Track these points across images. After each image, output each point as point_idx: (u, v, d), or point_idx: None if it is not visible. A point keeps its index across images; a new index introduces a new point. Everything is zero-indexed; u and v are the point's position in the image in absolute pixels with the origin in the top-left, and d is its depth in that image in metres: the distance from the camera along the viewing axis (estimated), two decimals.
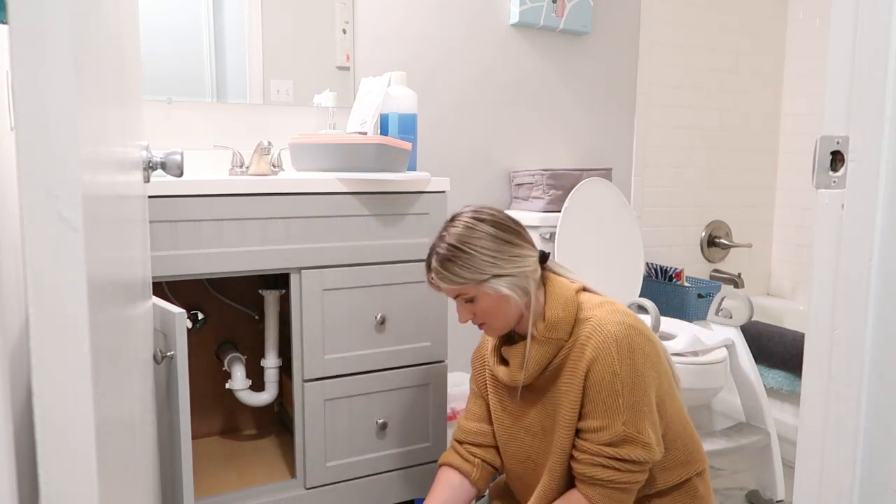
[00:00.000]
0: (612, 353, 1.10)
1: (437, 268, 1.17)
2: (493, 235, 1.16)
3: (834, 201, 0.80)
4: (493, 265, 1.15)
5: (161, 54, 1.76)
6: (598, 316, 1.15)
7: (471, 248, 1.15)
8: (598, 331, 1.13)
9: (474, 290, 1.17)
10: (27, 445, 0.63)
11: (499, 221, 1.19)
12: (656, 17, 2.52)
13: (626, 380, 1.10)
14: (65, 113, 0.44)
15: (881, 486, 0.78)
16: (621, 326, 1.12)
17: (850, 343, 0.80)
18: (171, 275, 1.39)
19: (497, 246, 1.16)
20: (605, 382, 1.10)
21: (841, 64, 0.78)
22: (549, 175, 2.13)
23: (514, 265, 1.16)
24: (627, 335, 1.12)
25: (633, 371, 1.10)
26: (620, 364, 1.10)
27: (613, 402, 1.10)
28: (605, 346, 1.11)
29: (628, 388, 1.10)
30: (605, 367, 1.11)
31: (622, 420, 1.09)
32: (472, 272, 1.15)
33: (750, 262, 2.90)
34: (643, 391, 1.11)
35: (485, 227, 1.17)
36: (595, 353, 1.12)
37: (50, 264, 0.45)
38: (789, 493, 1.84)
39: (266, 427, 1.99)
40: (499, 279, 1.15)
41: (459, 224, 1.18)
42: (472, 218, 1.18)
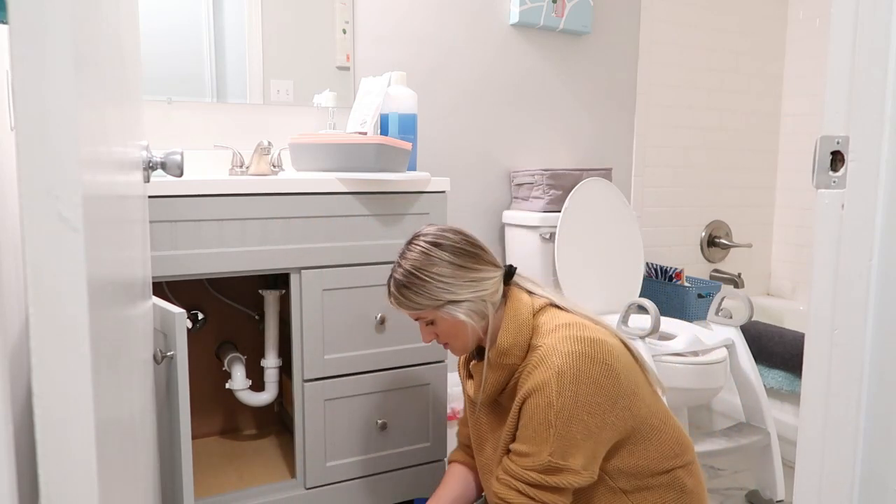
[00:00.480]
0: (552, 385, 1.09)
1: (395, 293, 1.20)
2: (449, 262, 1.17)
3: (834, 201, 0.80)
4: (449, 292, 1.17)
5: (161, 54, 1.76)
6: (547, 345, 1.13)
7: (426, 275, 1.17)
8: (543, 362, 1.12)
9: (432, 315, 1.20)
10: (27, 445, 0.63)
11: (457, 247, 1.19)
12: (656, 17, 2.52)
13: (562, 412, 1.08)
14: (65, 113, 0.44)
15: (881, 486, 0.78)
16: (568, 357, 1.10)
17: (850, 343, 0.80)
18: (171, 275, 1.39)
19: (453, 272, 1.17)
20: (540, 412, 1.09)
21: (841, 64, 0.78)
22: (549, 175, 2.13)
23: (471, 290, 1.17)
24: (574, 365, 1.09)
25: (574, 403, 1.08)
26: (559, 396, 1.08)
27: (544, 431, 1.09)
28: (545, 378, 1.10)
29: (564, 419, 1.08)
30: (542, 398, 1.10)
31: (549, 451, 1.09)
32: (427, 299, 1.17)
33: (750, 262, 2.90)
34: (582, 421, 1.09)
35: (441, 253, 1.18)
36: (534, 383, 1.11)
37: (50, 264, 0.45)
38: (789, 493, 1.84)
39: (266, 427, 1.99)
40: (455, 305, 1.17)
41: (416, 250, 1.19)
42: (429, 243, 1.19)
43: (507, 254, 2.26)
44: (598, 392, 1.10)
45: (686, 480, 1.20)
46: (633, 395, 1.15)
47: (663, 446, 1.19)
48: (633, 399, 1.15)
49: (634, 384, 1.16)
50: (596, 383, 1.10)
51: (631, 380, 1.15)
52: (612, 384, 1.11)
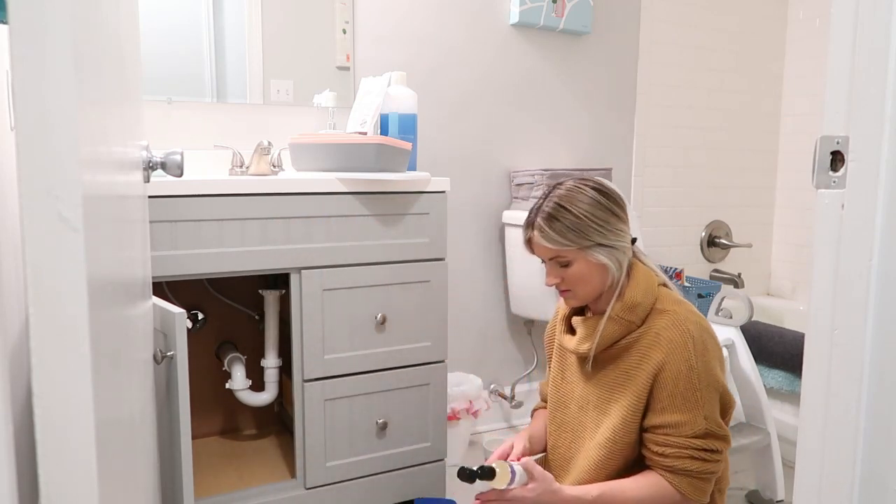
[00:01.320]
0: (690, 348, 1.11)
1: (543, 225, 1.16)
2: (600, 203, 1.16)
3: (834, 201, 0.80)
4: (600, 233, 1.14)
5: (161, 54, 1.76)
6: (678, 312, 1.15)
7: (580, 210, 1.14)
8: (677, 326, 1.13)
9: (574, 255, 1.16)
10: (27, 445, 0.63)
11: (605, 191, 1.18)
12: (656, 17, 2.52)
13: (702, 375, 1.11)
14: (65, 113, 0.44)
15: (881, 486, 0.78)
16: (698, 327, 1.14)
17: (850, 343, 0.80)
18: (171, 275, 1.39)
19: (604, 215, 1.15)
20: (682, 376, 1.11)
21: (841, 64, 0.78)
22: (549, 175, 2.13)
23: (618, 238, 1.16)
24: (702, 336, 1.13)
25: (707, 369, 1.12)
26: (697, 358, 1.11)
27: (692, 395, 1.11)
28: (682, 342, 1.12)
29: (704, 383, 1.11)
30: (681, 361, 1.11)
31: (703, 414, 1.11)
32: (578, 235, 1.14)
33: (750, 262, 2.90)
34: (716, 389, 1.13)
35: (592, 193, 1.17)
36: (671, 346, 1.12)
37: (50, 264, 0.45)
38: (789, 493, 1.84)
39: (266, 427, 1.99)
40: (602, 248, 1.15)
41: (566, 186, 1.18)
42: (580, 183, 1.18)
43: (507, 254, 2.26)
44: (719, 367, 1.15)
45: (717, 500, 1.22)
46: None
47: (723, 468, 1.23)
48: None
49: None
50: (719, 358, 1.15)
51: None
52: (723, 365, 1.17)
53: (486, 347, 2.33)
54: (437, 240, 1.66)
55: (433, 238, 1.66)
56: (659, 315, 1.16)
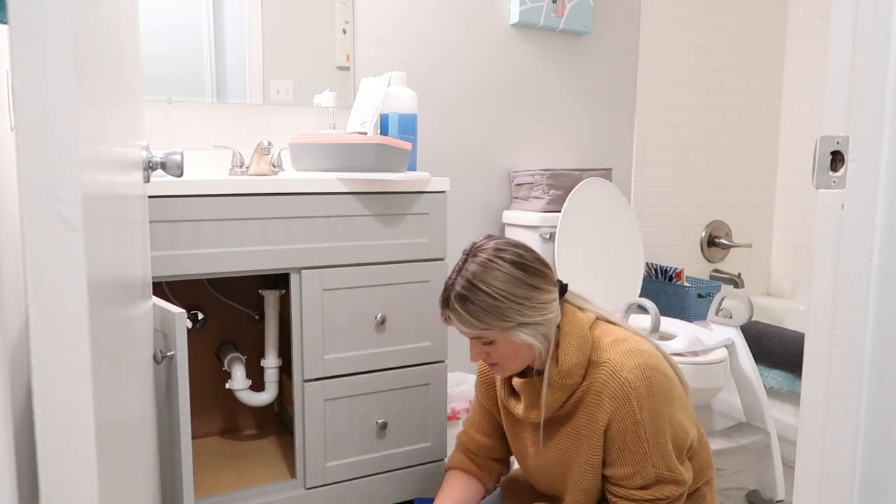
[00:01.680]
0: (632, 402, 1.09)
1: (458, 309, 1.10)
2: (517, 279, 1.09)
3: (834, 201, 0.80)
4: (520, 313, 1.08)
5: (161, 54, 1.76)
6: (613, 360, 1.11)
7: (496, 291, 1.08)
8: (614, 378, 1.09)
9: (495, 335, 1.11)
10: (27, 445, 0.63)
11: (525, 263, 1.11)
12: (656, 17, 2.52)
13: (648, 426, 1.10)
14: (65, 113, 0.44)
15: (881, 486, 0.78)
16: (636, 370, 1.09)
17: (850, 343, 0.80)
18: (171, 275, 1.39)
19: (524, 291, 1.09)
20: (629, 431, 1.10)
21: (841, 64, 0.78)
22: (549, 175, 2.13)
23: (541, 313, 1.10)
24: (644, 378, 1.09)
25: (654, 415, 1.10)
26: (641, 411, 1.09)
27: (640, 448, 1.10)
28: (624, 396, 1.09)
29: (651, 432, 1.10)
30: (626, 417, 1.10)
31: (651, 463, 1.10)
32: (496, 318, 1.08)
33: (750, 262, 2.90)
34: (664, 431, 1.11)
35: (509, 268, 1.09)
36: (614, 404, 1.10)
37: (50, 264, 0.45)
38: (789, 493, 1.84)
39: (266, 427, 1.99)
40: (524, 327, 1.09)
41: (480, 261, 1.10)
42: (494, 256, 1.10)
43: None
44: (668, 401, 1.12)
45: (707, 494, 1.23)
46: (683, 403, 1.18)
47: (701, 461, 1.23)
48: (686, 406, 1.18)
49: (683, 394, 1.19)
50: (664, 392, 1.11)
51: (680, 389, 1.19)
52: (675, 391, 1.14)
53: None
54: (437, 240, 1.66)
55: (433, 238, 1.66)
56: (596, 368, 1.12)
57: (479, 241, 1.16)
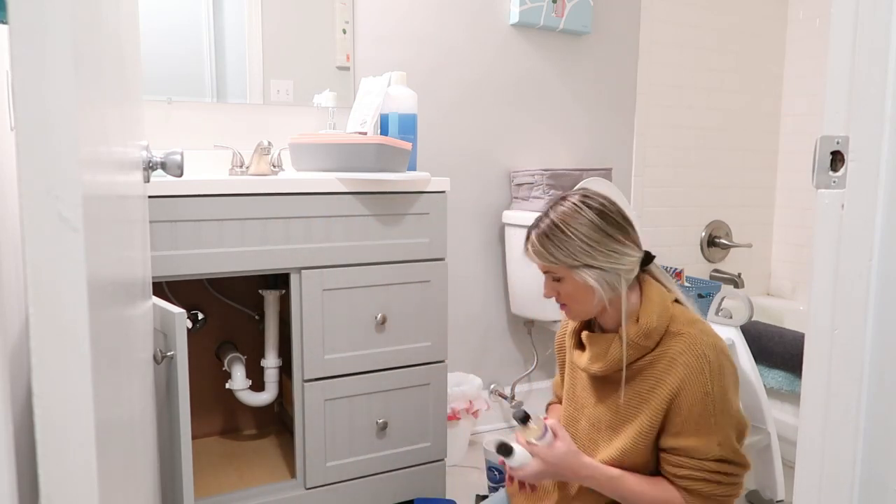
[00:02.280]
0: (706, 373, 1.11)
1: (535, 240, 1.18)
2: (595, 224, 1.15)
3: (834, 201, 0.80)
4: (588, 254, 1.14)
5: (161, 54, 1.76)
6: (692, 334, 1.14)
7: (571, 230, 1.14)
8: (692, 350, 1.12)
9: (563, 272, 1.17)
10: (27, 445, 0.63)
11: (606, 212, 1.16)
12: (656, 17, 2.52)
13: (717, 401, 1.11)
14: (65, 113, 0.44)
15: (881, 486, 0.78)
16: (714, 349, 1.13)
17: (850, 343, 0.80)
18: (171, 275, 1.39)
19: (597, 236, 1.14)
20: (699, 401, 1.11)
21: (841, 64, 0.78)
22: (549, 175, 2.13)
23: (609, 260, 1.14)
24: (718, 359, 1.12)
25: (723, 393, 1.11)
26: (712, 384, 1.10)
27: (707, 421, 1.11)
28: (699, 366, 1.11)
29: (720, 409, 1.11)
30: (698, 387, 1.11)
31: (718, 440, 1.11)
32: (565, 255, 1.14)
33: (750, 262, 2.90)
34: (729, 413, 1.13)
35: (590, 213, 1.15)
36: (687, 371, 1.12)
37: (50, 264, 0.45)
38: (789, 493, 1.84)
39: (266, 427, 1.99)
40: (589, 269, 1.14)
41: (567, 204, 1.17)
42: (580, 201, 1.17)
43: (508, 254, 2.26)
44: (735, 388, 1.14)
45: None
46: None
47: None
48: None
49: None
50: (734, 380, 1.15)
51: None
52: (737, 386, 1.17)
53: (486, 347, 2.33)
54: (437, 240, 1.66)
55: (433, 238, 1.66)
56: (673, 338, 1.15)
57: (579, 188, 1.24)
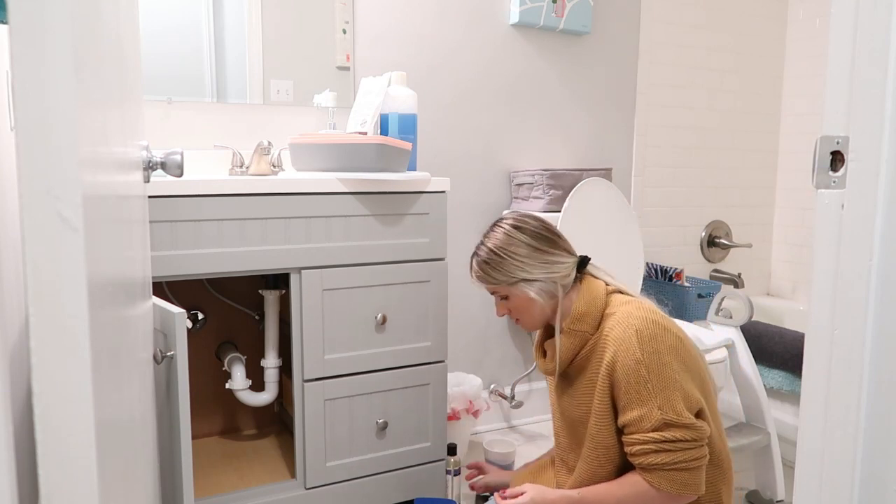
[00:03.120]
0: (633, 341, 1.15)
1: (476, 269, 1.32)
2: (527, 244, 1.28)
3: (834, 201, 0.80)
4: (523, 271, 1.26)
5: (161, 54, 1.76)
6: (623, 311, 1.21)
7: (505, 253, 1.27)
8: (620, 323, 1.19)
9: (506, 290, 1.29)
10: (27, 445, 0.63)
11: (535, 231, 1.29)
12: (656, 17, 2.52)
13: (650, 366, 1.14)
14: (65, 113, 0.44)
15: (881, 486, 0.78)
16: (643, 321, 1.17)
17: (850, 343, 0.80)
18: (171, 275, 1.39)
19: (530, 253, 1.27)
20: (631, 371, 1.14)
21: (841, 64, 0.78)
22: (549, 175, 2.13)
23: (544, 271, 1.26)
24: (649, 328, 1.16)
25: (657, 358, 1.14)
26: (642, 351, 1.14)
27: (644, 388, 1.14)
28: (626, 336, 1.16)
29: (654, 373, 1.13)
30: (628, 356, 1.15)
31: (657, 405, 1.13)
32: (503, 275, 1.28)
33: (750, 262, 2.90)
34: (670, 377, 1.14)
35: (521, 235, 1.28)
36: (617, 343, 1.17)
37: (50, 264, 0.45)
38: (789, 493, 1.84)
39: (266, 427, 1.99)
40: (527, 283, 1.27)
41: (500, 231, 1.30)
42: (511, 226, 1.30)
43: None
44: (674, 356, 1.16)
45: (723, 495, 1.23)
46: (703, 381, 1.21)
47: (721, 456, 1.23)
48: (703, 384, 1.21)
49: (703, 374, 1.22)
50: (671, 348, 1.16)
51: (699, 366, 1.21)
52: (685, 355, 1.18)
53: (486, 347, 2.33)
54: (437, 240, 1.66)
55: (433, 238, 1.66)
56: (607, 319, 1.24)
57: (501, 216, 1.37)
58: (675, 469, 1.13)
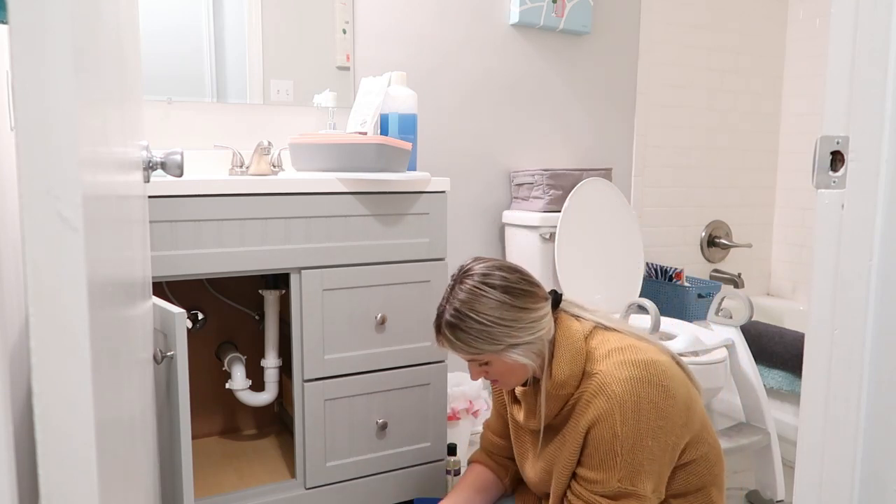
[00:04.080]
0: (615, 416, 1.09)
1: (450, 336, 1.14)
2: (504, 304, 1.12)
3: (834, 201, 0.80)
4: (509, 336, 1.11)
5: (161, 54, 1.76)
6: (603, 371, 1.12)
7: (482, 317, 1.11)
8: (603, 391, 1.10)
9: (489, 357, 1.14)
10: (27, 445, 0.63)
11: (511, 286, 1.13)
12: (656, 17, 2.52)
13: (626, 441, 1.09)
14: (65, 113, 0.44)
15: (881, 486, 0.78)
16: (626, 384, 1.09)
17: (850, 343, 0.80)
18: (171, 275, 1.39)
19: (512, 314, 1.12)
20: (605, 442, 1.10)
21: (841, 64, 0.78)
22: (549, 175, 2.13)
23: (530, 332, 1.12)
24: (633, 393, 1.09)
25: (637, 430, 1.09)
26: (622, 426, 1.09)
27: (611, 460, 1.10)
28: (608, 409, 1.09)
29: (628, 448, 1.09)
30: (606, 429, 1.10)
31: (617, 477, 1.10)
32: (486, 343, 1.12)
33: (750, 262, 2.90)
34: (642, 448, 1.09)
35: (496, 294, 1.12)
36: (597, 413, 1.10)
37: (50, 264, 0.45)
38: (789, 493, 1.84)
39: (266, 427, 1.99)
40: (515, 348, 1.12)
41: (468, 288, 1.13)
42: (481, 283, 1.13)
43: (507, 254, 2.26)
44: (659, 416, 1.10)
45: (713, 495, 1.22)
46: (688, 410, 1.15)
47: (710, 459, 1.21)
48: (689, 415, 1.15)
49: (689, 399, 1.16)
50: (656, 407, 1.09)
51: (686, 395, 1.15)
52: (671, 406, 1.11)
53: None
54: (437, 240, 1.66)
55: (433, 238, 1.66)
56: (588, 379, 1.14)
57: (466, 264, 1.18)
58: None
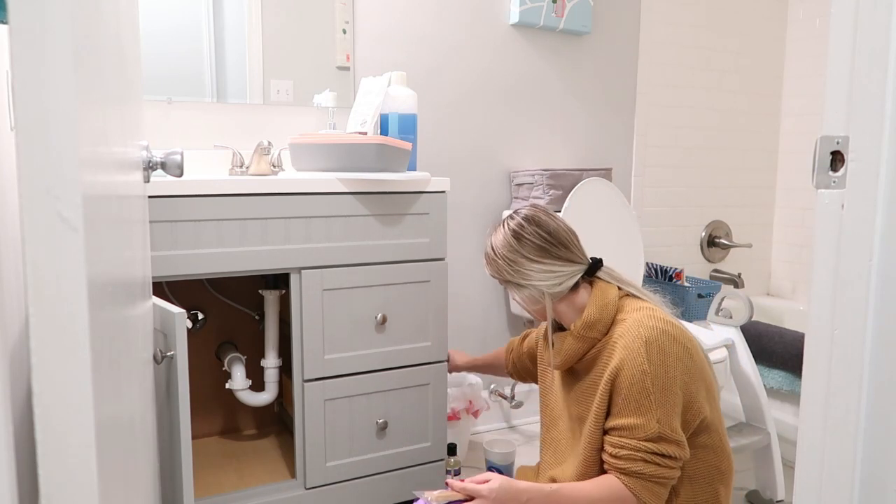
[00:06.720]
0: (641, 352, 1.14)
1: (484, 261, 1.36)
2: (509, 245, 1.27)
3: (834, 201, 0.80)
4: (509, 273, 1.28)
5: (161, 54, 1.76)
6: (634, 318, 1.20)
7: (496, 251, 1.30)
8: (630, 331, 1.18)
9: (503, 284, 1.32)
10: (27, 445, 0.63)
11: (520, 234, 1.27)
12: (656, 17, 2.52)
13: (656, 379, 1.13)
14: (65, 113, 0.44)
15: (881, 486, 0.78)
16: (653, 330, 1.16)
17: (850, 343, 0.80)
18: (171, 275, 1.39)
19: (513, 256, 1.27)
20: (637, 381, 1.14)
21: (841, 64, 0.78)
22: (549, 175, 2.13)
23: (524, 278, 1.26)
24: (658, 338, 1.15)
25: (664, 371, 1.13)
26: (650, 363, 1.13)
27: (646, 399, 1.13)
28: (635, 346, 1.15)
29: (659, 386, 1.13)
30: (634, 366, 1.14)
31: (656, 418, 1.12)
32: (494, 270, 1.31)
33: (750, 262, 2.90)
34: (673, 392, 1.14)
35: (506, 235, 1.28)
36: (625, 352, 1.16)
37: (50, 264, 0.45)
38: (789, 493, 1.84)
39: (266, 427, 1.99)
40: (513, 286, 1.29)
41: (500, 231, 1.31)
42: (505, 221, 1.31)
43: None
44: (682, 368, 1.15)
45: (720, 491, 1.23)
46: (709, 387, 1.21)
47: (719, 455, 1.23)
48: (709, 392, 1.20)
49: (709, 379, 1.22)
50: (679, 359, 1.16)
51: (706, 373, 1.21)
52: (692, 366, 1.17)
53: (486, 347, 2.33)
54: (437, 240, 1.66)
55: (433, 238, 1.66)
56: (617, 325, 1.23)
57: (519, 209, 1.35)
58: (657, 482, 1.14)
